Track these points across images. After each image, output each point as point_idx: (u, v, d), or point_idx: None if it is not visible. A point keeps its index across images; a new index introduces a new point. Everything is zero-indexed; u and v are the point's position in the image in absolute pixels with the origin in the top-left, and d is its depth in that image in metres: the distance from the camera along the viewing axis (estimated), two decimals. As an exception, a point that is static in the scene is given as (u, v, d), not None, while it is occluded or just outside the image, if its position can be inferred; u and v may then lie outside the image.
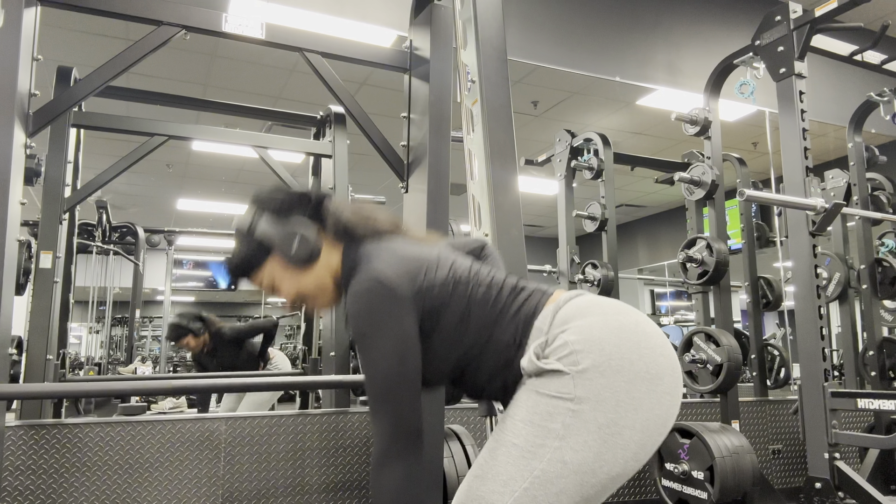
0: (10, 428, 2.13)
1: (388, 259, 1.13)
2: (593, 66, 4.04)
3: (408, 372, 1.07)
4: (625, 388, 1.02)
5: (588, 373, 1.02)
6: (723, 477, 2.51)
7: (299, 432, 2.48)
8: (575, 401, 1.01)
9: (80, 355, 8.25)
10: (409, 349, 1.07)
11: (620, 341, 1.04)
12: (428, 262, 1.15)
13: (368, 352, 1.07)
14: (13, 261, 1.91)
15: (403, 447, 1.05)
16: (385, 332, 1.06)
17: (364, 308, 1.06)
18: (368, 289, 1.07)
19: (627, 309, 1.13)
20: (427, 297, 1.11)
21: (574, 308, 1.10)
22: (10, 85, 1.91)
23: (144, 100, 3.25)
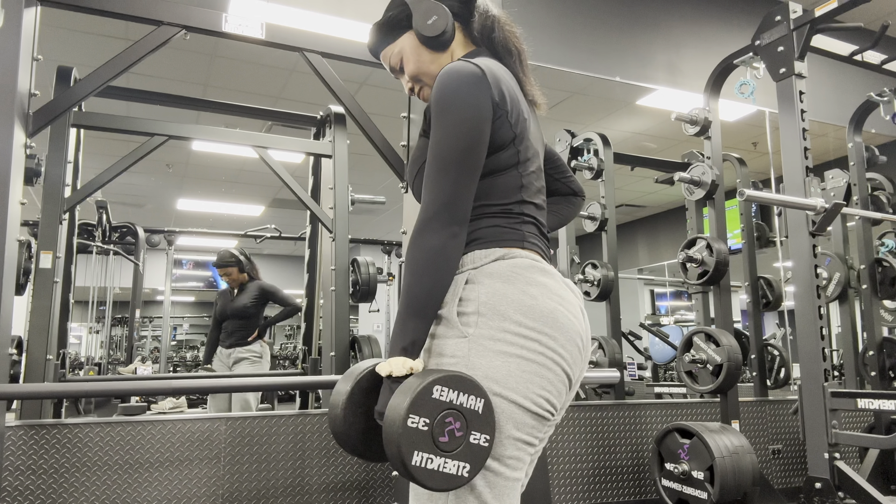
0: (10, 428, 2.13)
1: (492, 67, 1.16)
2: (593, 66, 4.04)
3: (475, 150, 1.09)
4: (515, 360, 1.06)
5: (482, 339, 1.06)
6: (723, 477, 2.51)
7: (299, 432, 2.49)
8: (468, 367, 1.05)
9: (80, 355, 8.26)
10: (481, 131, 1.09)
11: (524, 318, 1.07)
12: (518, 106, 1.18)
13: (443, 120, 1.09)
14: (13, 261, 1.91)
15: (448, 222, 1.06)
16: (466, 107, 1.09)
17: (455, 79, 1.10)
18: (466, 67, 1.11)
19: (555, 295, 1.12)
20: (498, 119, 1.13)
21: (507, 267, 1.12)
22: (10, 85, 1.91)
23: (144, 100, 3.25)
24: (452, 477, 0.99)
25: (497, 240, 1.14)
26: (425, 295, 1.05)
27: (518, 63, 1.29)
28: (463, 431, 1.00)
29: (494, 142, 1.14)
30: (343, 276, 3.09)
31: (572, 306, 1.15)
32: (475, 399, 1.01)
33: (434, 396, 0.98)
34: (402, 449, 0.95)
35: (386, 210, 8.37)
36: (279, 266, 11.48)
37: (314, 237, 3.76)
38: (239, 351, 4.24)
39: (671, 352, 5.57)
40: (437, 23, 1.23)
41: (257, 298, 4.33)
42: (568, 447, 2.97)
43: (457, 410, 0.99)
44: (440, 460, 0.98)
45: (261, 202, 8.73)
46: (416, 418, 0.96)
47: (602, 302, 3.67)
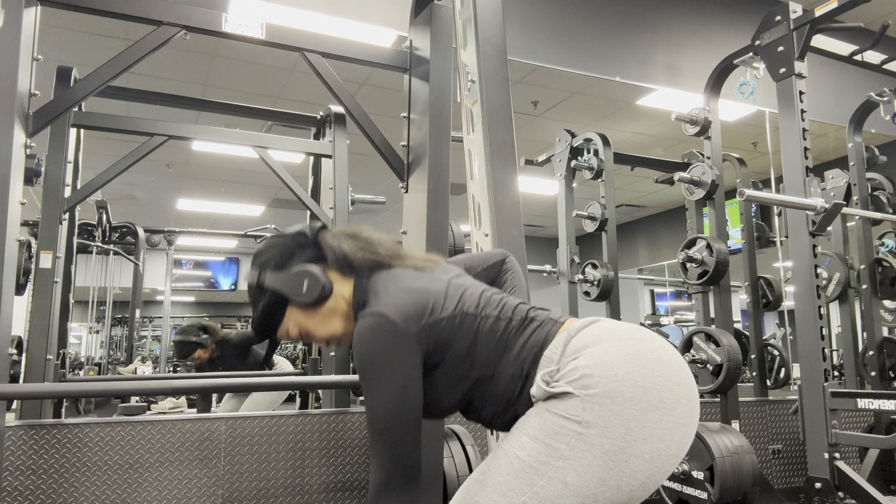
0: (10, 428, 2.13)
1: (394, 294, 1.13)
2: (593, 66, 4.04)
3: (409, 410, 1.07)
4: (636, 416, 0.99)
5: (598, 398, 1.00)
6: (723, 477, 2.51)
7: (299, 432, 2.48)
8: (583, 424, 0.99)
9: (80, 355, 8.26)
10: (411, 388, 1.07)
11: (634, 368, 1.02)
12: (436, 296, 1.14)
13: (371, 388, 1.07)
14: (13, 261, 1.91)
15: (400, 483, 1.05)
16: (388, 370, 1.06)
17: (367, 345, 1.07)
18: (373, 325, 1.08)
19: (643, 334, 1.10)
20: (433, 332, 1.10)
21: (587, 335, 1.08)
22: (10, 85, 1.91)
23: (144, 100, 3.24)
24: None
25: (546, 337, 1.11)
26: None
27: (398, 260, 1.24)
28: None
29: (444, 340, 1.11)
30: (343, 276, 3.09)
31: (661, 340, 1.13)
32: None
33: None
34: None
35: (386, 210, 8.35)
36: (279, 266, 11.45)
37: (314, 237, 3.75)
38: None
39: (671, 352, 5.56)
40: (312, 287, 1.20)
41: (239, 354, 4.10)
42: (568, 447, 2.97)
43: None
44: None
45: (261, 202, 8.72)
46: None
47: (602, 302, 3.67)
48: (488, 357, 1.12)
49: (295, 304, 1.23)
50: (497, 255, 1.49)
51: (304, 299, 1.20)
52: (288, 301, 1.23)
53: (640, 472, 1.00)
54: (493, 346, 1.13)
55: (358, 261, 1.23)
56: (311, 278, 1.20)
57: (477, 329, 1.13)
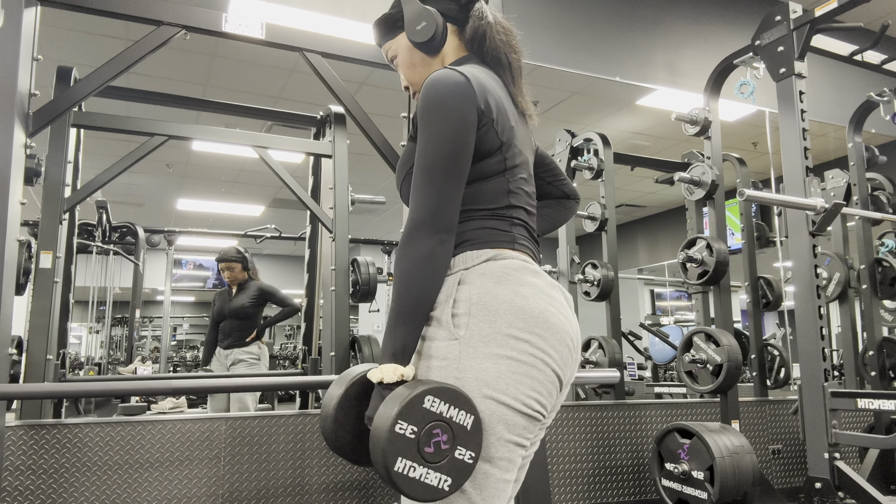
0: (10, 428, 2.13)
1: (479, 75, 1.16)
2: (593, 66, 4.04)
3: (460, 159, 1.10)
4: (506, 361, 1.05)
5: (473, 340, 1.06)
6: (723, 477, 2.51)
7: (299, 432, 2.49)
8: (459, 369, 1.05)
9: (80, 355, 8.26)
10: (466, 140, 1.10)
11: (514, 319, 1.07)
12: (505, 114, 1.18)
13: (429, 127, 1.10)
14: (13, 261, 1.91)
15: (435, 229, 1.07)
16: (450, 114, 1.09)
17: (440, 86, 1.10)
18: (453, 75, 1.11)
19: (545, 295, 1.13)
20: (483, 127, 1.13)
21: (499, 268, 1.12)
22: (10, 85, 1.91)
23: (144, 100, 3.24)
24: (432, 489, 0.99)
25: (488, 241, 1.14)
26: (414, 301, 1.06)
27: (508, 73, 1.28)
28: (449, 445, 1.00)
29: (481, 149, 1.14)
30: (343, 276, 3.09)
31: (562, 307, 1.15)
32: (465, 414, 1.01)
33: (424, 406, 0.98)
34: (387, 455, 0.95)
35: (386, 210, 8.37)
36: (279, 266, 11.48)
37: (314, 237, 3.76)
38: (236, 352, 4.23)
39: (671, 352, 5.57)
40: (426, 29, 1.23)
41: (256, 299, 4.33)
42: (568, 447, 2.97)
43: (445, 423, 1.00)
44: (423, 470, 0.98)
45: (261, 202, 8.73)
46: (404, 425, 0.97)
47: (602, 302, 3.67)
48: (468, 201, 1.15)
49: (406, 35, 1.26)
50: (570, 189, 1.53)
51: (411, 36, 1.24)
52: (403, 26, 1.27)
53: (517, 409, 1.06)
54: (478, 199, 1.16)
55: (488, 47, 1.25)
56: (430, 23, 1.23)
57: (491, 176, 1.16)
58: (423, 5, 1.24)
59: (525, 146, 1.26)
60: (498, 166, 1.17)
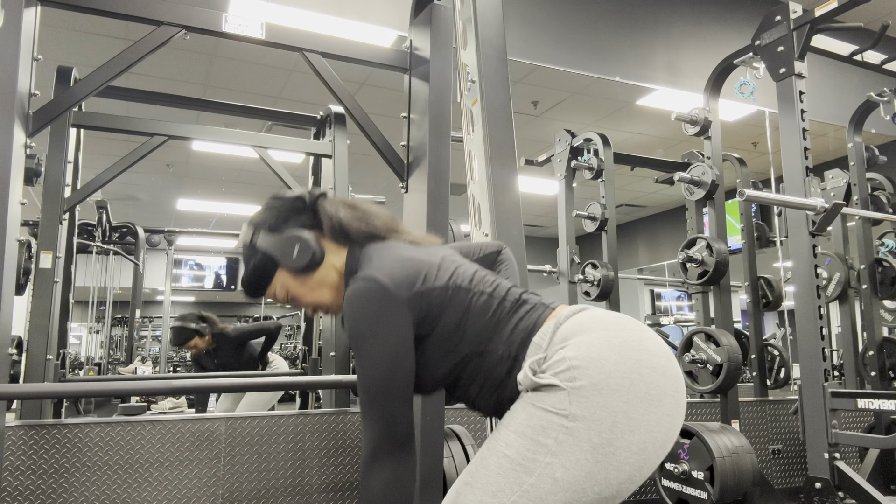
0: (10, 428, 2.13)
1: (387, 261, 1.13)
2: (593, 66, 4.04)
3: (400, 376, 1.06)
4: (622, 408, 0.98)
5: (584, 390, 0.99)
6: (723, 477, 2.51)
7: (299, 432, 2.48)
8: (569, 417, 0.98)
9: (80, 355, 8.26)
10: (402, 353, 1.07)
11: (621, 359, 1.01)
12: (429, 266, 1.14)
13: (361, 353, 1.06)
14: (13, 261, 1.91)
15: (393, 450, 1.04)
16: (379, 335, 1.06)
17: (358, 309, 1.06)
18: (364, 290, 1.07)
19: (632, 325, 1.10)
20: (424, 301, 1.10)
21: (575, 324, 1.08)
22: (10, 85, 1.91)
23: (144, 100, 3.24)
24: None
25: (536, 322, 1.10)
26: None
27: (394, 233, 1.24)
28: None
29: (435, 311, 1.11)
30: (343, 276, 3.09)
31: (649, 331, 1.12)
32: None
33: None
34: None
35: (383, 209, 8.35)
36: (279, 266, 11.45)
37: (314, 237, 3.75)
38: None
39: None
40: (302, 252, 1.19)
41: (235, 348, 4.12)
42: (568, 447, 2.97)
43: None
44: None
45: (261, 202, 8.70)
46: None
47: (602, 302, 3.67)
48: (479, 333, 1.12)
49: (285, 268, 1.22)
50: (493, 246, 1.50)
51: (294, 265, 1.20)
52: (278, 264, 1.23)
53: (628, 465, 0.99)
54: (485, 323, 1.12)
55: (353, 230, 1.22)
56: (303, 244, 1.20)
57: (469, 303, 1.13)
58: (281, 235, 1.22)
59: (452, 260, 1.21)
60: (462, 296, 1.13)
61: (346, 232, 1.23)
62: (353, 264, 1.20)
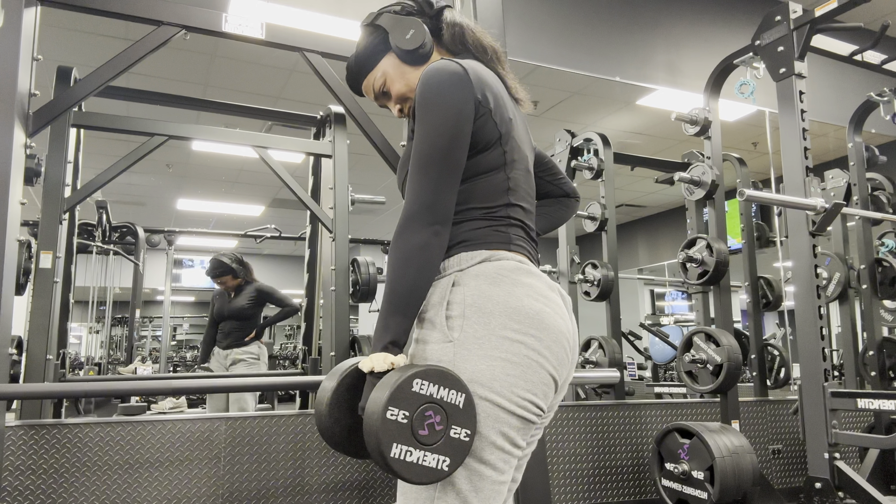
0: (10, 428, 2.13)
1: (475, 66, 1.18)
2: (593, 66, 4.04)
3: (456, 150, 1.10)
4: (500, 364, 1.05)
5: (468, 342, 1.06)
6: (723, 477, 2.51)
7: (299, 432, 2.48)
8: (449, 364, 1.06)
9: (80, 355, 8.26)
10: (462, 132, 1.10)
11: (508, 321, 1.07)
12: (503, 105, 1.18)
13: (426, 120, 1.10)
14: (13, 261, 1.91)
15: (433, 219, 1.07)
16: (448, 104, 1.10)
17: (436, 80, 1.11)
18: (448, 67, 1.12)
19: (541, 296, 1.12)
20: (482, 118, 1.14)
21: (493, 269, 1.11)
22: (10, 85, 1.91)
23: (144, 100, 3.24)
24: (432, 470, 0.99)
25: (483, 242, 1.14)
26: (407, 292, 1.06)
27: (496, 62, 1.30)
28: (443, 425, 1.00)
29: (479, 141, 1.14)
30: (343, 276, 3.09)
31: (559, 307, 1.14)
32: (456, 393, 1.01)
33: (414, 390, 0.99)
34: (382, 441, 0.96)
35: (386, 210, 8.36)
36: (279, 266, 11.49)
37: (314, 237, 3.76)
38: (236, 352, 4.24)
39: (671, 352, 5.57)
40: (416, 35, 1.25)
41: (254, 300, 4.34)
42: (568, 447, 2.97)
43: (437, 404, 1.00)
44: (419, 453, 0.98)
45: (261, 202, 8.72)
46: (396, 411, 0.97)
47: (602, 302, 3.67)
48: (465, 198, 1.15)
49: (395, 51, 1.26)
50: (567, 187, 1.52)
51: (406, 45, 1.24)
52: (390, 46, 1.27)
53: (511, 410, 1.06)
54: (475, 197, 1.16)
55: (470, 39, 1.28)
56: (418, 29, 1.25)
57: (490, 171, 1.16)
58: (404, 17, 1.26)
59: (524, 142, 1.27)
60: (497, 160, 1.17)
61: (458, 40, 1.28)
62: None
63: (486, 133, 1.14)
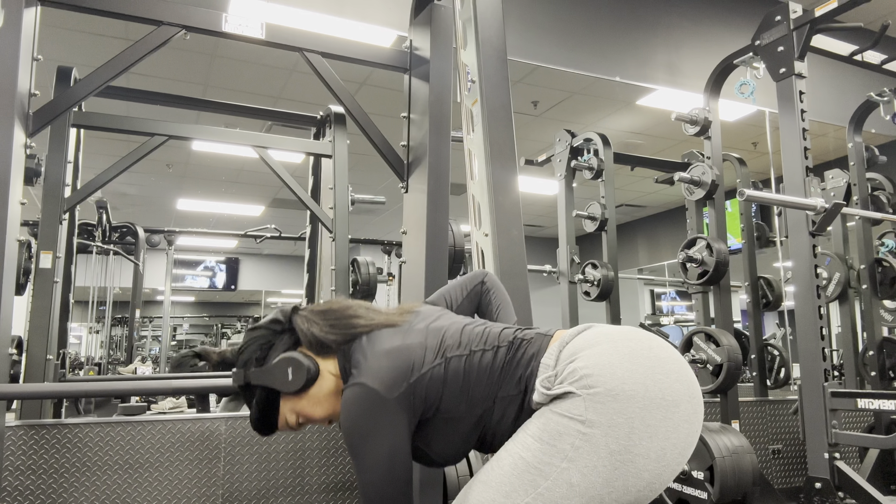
0: (10, 428, 2.13)
1: (374, 360, 1.12)
2: (593, 66, 4.04)
3: (398, 477, 1.07)
4: (639, 414, 0.98)
5: (600, 396, 0.99)
6: (723, 477, 2.51)
7: (299, 432, 2.48)
8: (586, 423, 0.98)
9: (80, 355, 8.25)
10: (398, 455, 1.07)
11: (633, 366, 1.02)
12: (416, 349, 1.14)
13: (359, 459, 1.07)
14: (13, 261, 1.91)
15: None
16: (373, 440, 1.06)
17: (352, 417, 1.07)
18: (355, 397, 1.08)
19: (638, 335, 1.10)
20: (419, 388, 1.10)
21: (581, 341, 1.08)
22: (10, 85, 1.91)
23: (144, 100, 3.24)
24: None
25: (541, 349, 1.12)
26: None
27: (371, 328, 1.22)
28: None
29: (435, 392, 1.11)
30: (343, 276, 3.09)
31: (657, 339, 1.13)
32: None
33: None
34: None
35: (386, 210, 8.36)
36: (279, 266, 11.49)
37: (314, 237, 3.76)
38: None
39: (671, 352, 5.56)
40: (299, 373, 1.17)
41: None
42: (568, 447, 2.97)
43: None
44: None
45: (261, 202, 8.72)
46: None
47: (602, 302, 3.67)
48: (485, 389, 1.12)
49: (287, 394, 1.19)
50: (475, 279, 1.50)
51: (294, 387, 1.17)
52: (279, 393, 1.20)
53: (647, 472, 0.99)
54: (488, 377, 1.12)
55: (330, 342, 1.20)
56: (295, 364, 1.17)
57: (466, 368, 1.13)
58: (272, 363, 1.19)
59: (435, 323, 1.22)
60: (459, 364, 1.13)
61: (324, 344, 1.20)
62: (345, 366, 1.19)
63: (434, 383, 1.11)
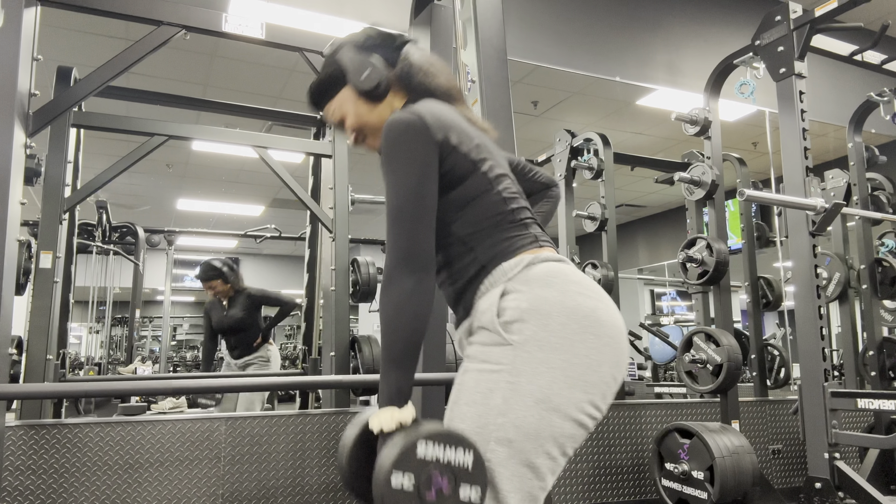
0: (10, 428, 2.13)
1: (437, 108, 1.19)
2: (593, 66, 4.04)
3: (424, 200, 1.12)
4: (561, 366, 1.06)
5: (528, 345, 1.06)
6: (723, 477, 2.51)
7: (299, 432, 2.48)
8: (513, 373, 1.06)
9: (80, 355, 8.26)
10: (428, 179, 1.12)
11: (568, 321, 1.07)
12: (468, 137, 1.20)
13: (391, 176, 1.12)
14: (13, 261, 1.91)
15: (411, 269, 1.08)
16: (410, 156, 1.12)
17: (394, 134, 1.13)
18: (405, 118, 1.14)
19: (593, 292, 1.13)
20: (450, 156, 1.15)
21: (543, 272, 1.12)
22: (10, 85, 1.91)
23: (144, 100, 3.24)
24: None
25: (517, 248, 1.16)
26: (402, 344, 1.07)
27: (454, 100, 1.31)
28: (451, 487, 0.98)
29: (457, 175, 1.16)
30: (343, 276, 3.09)
31: (610, 302, 1.15)
32: (463, 452, 1.00)
33: (419, 455, 0.97)
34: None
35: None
36: (279, 266, 11.50)
37: (314, 237, 3.76)
38: (246, 358, 4.22)
39: (671, 352, 5.57)
40: (370, 76, 1.26)
41: (248, 307, 4.19)
42: (568, 447, 2.97)
43: (443, 466, 0.98)
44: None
45: (261, 202, 8.73)
46: (401, 475, 0.96)
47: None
48: (473, 225, 1.17)
49: (352, 86, 1.28)
50: (546, 179, 1.53)
51: (360, 85, 1.27)
52: (347, 80, 1.29)
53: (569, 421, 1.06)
54: (483, 220, 1.17)
55: (414, 81, 1.29)
56: (375, 71, 1.26)
57: (481, 194, 1.18)
58: (362, 55, 1.27)
59: (498, 157, 1.28)
60: (483, 183, 1.18)
61: (409, 79, 1.28)
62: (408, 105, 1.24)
63: (460, 167, 1.17)
